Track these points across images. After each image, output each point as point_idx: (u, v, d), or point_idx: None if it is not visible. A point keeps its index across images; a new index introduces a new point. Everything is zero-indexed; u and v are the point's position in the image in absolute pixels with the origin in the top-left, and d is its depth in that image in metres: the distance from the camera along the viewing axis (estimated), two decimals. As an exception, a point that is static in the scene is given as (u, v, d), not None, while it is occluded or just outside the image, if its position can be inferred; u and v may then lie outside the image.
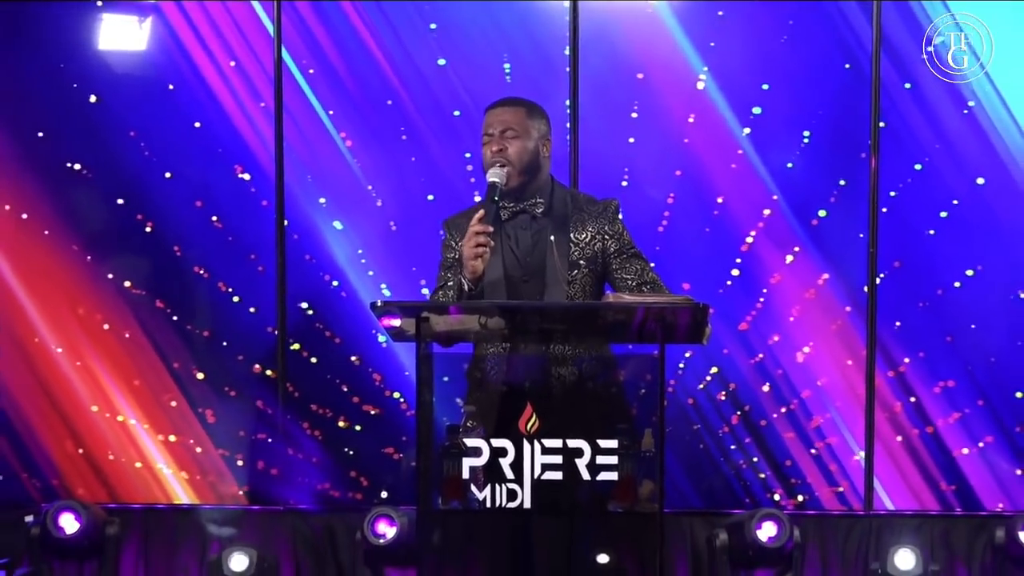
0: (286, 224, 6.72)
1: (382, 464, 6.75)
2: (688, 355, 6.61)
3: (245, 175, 6.74)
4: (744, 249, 6.64)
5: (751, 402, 6.67)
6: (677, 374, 6.62)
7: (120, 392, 6.79)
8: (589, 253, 4.72)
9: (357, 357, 6.74)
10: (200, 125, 6.72)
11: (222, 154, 6.72)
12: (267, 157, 6.73)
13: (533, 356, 4.40)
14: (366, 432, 6.75)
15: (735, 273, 6.64)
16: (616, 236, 4.75)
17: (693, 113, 6.62)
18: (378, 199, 6.70)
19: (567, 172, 6.59)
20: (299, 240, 6.73)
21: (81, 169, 6.76)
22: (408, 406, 6.71)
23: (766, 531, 6.37)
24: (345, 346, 6.75)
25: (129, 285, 6.77)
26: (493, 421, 4.28)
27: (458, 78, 6.66)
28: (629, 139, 6.64)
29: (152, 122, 6.72)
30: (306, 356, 6.76)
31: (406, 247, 6.67)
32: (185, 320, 6.79)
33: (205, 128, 6.72)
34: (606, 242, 4.74)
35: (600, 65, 6.62)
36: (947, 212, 6.59)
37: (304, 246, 6.73)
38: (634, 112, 6.62)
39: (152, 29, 6.73)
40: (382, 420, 6.74)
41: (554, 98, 6.54)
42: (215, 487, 6.78)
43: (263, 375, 6.77)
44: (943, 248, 6.59)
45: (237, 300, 6.76)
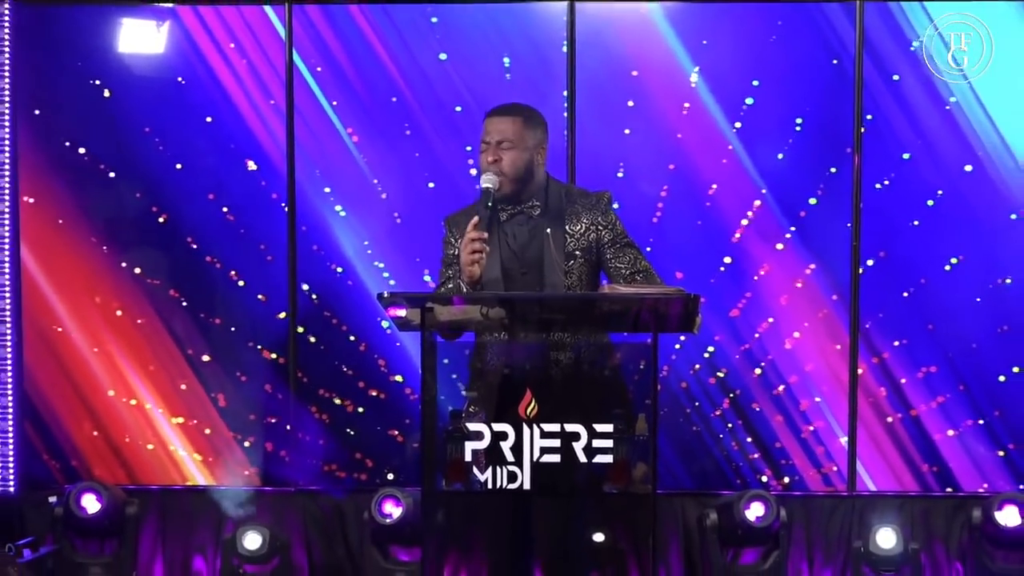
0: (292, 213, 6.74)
1: (387, 446, 6.78)
2: (682, 339, 6.58)
3: (255, 169, 6.76)
4: (734, 240, 6.65)
5: (741, 387, 6.68)
6: (671, 359, 6.61)
7: (137, 377, 6.85)
8: (584, 244, 4.78)
9: (363, 343, 6.76)
10: (212, 120, 6.74)
11: (234, 149, 6.75)
12: (276, 152, 6.73)
13: (533, 343, 4.43)
14: (372, 415, 6.78)
15: (727, 261, 6.66)
16: (609, 226, 4.81)
17: (685, 109, 6.64)
18: (383, 192, 6.73)
19: (564, 166, 6.59)
20: (307, 232, 6.76)
21: (102, 166, 6.80)
22: (412, 390, 6.71)
23: (754, 511, 6.40)
24: (351, 333, 6.78)
25: (144, 274, 6.82)
26: (494, 406, 4.35)
27: (459, 76, 6.67)
28: (624, 131, 6.63)
29: (168, 119, 6.75)
30: (314, 342, 6.79)
31: (410, 238, 6.69)
32: (198, 308, 6.82)
33: (218, 125, 6.75)
34: (600, 232, 4.80)
35: (596, 63, 6.63)
36: (933, 201, 6.58)
37: (312, 237, 6.75)
38: (629, 108, 6.65)
39: (169, 33, 6.75)
40: (387, 404, 6.76)
41: (552, 95, 6.58)
42: (228, 468, 6.79)
43: (273, 360, 6.81)
44: (925, 240, 6.60)
45: (247, 288, 6.80)
